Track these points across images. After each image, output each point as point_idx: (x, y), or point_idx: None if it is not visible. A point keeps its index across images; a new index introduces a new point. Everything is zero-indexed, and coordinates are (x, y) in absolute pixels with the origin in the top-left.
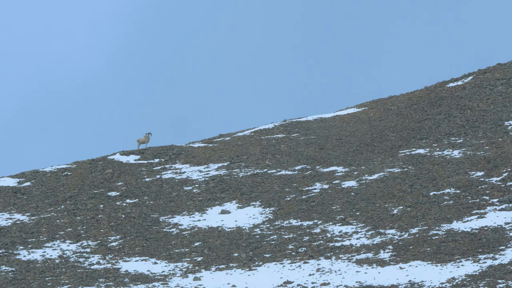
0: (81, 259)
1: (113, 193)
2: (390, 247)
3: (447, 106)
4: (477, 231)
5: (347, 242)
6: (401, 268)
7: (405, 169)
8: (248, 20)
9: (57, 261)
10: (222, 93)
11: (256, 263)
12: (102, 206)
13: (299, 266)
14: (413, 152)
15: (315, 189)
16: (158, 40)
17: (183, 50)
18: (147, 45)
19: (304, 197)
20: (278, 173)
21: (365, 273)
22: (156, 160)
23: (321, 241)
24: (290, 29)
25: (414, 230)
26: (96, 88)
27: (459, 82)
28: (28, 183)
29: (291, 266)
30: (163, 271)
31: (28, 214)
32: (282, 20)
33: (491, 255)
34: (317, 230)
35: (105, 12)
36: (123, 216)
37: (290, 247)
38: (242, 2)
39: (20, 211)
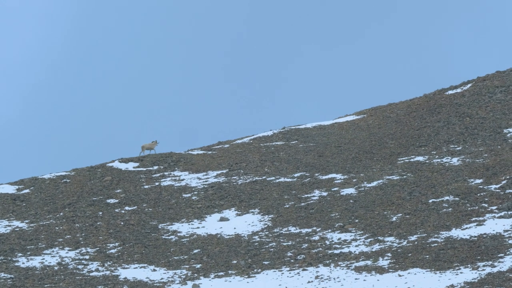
0: (80, 266)
1: (112, 200)
2: (389, 254)
3: (446, 114)
4: (476, 238)
5: (346, 250)
6: (400, 275)
7: (404, 176)
8: (246, 22)
9: (56, 268)
10: (221, 100)
11: (255, 270)
12: (101, 213)
13: (298, 273)
14: (412, 160)
15: (314, 196)
16: (161, 44)
17: (184, 54)
18: (149, 48)
19: (303, 204)
20: (277, 181)
21: (364, 280)
22: (155, 167)
23: (320, 249)
24: (288, 32)
25: (413, 238)
26: (97, 94)
27: (458, 90)
28: (27, 190)
29: (290, 273)
30: (162, 278)
31: (27, 221)
32: (280, 22)
33: (490, 262)
34: (316, 238)
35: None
36: (122, 223)
37: (289, 254)
38: (235, 2)
39: (19, 218)
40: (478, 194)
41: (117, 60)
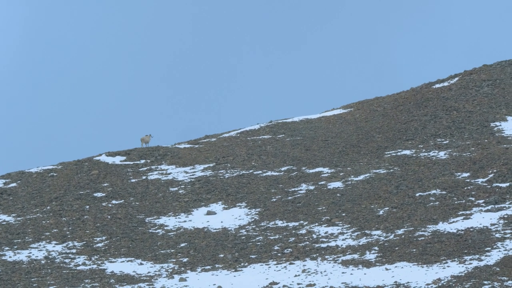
0: (66, 260)
1: (99, 194)
2: (376, 248)
3: (433, 107)
4: (463, 232)
5: (332, 243)
6: (386, 269)
7: (391, 170)
8: (236, 19)
9: (42, 262)
10: (208, 93)
11: (242, 264)
12: (88, 207)
13: (285, 267)
14: (399, 153)
15: (301, 190)
16: (160, 43)
17: (176, 48)
18: (144, 45)
19: (290, 198)
20: (264, 174)
21: (351, 274)
22: (142, 161)
23: (307, 242)
24: (277, 27)
25: (400, 231)
26: (84, 89)
27: (445, 83)
28: (14, 184)
29: (276, 267)
30: (148, 272)
31: (14, 215)
32: (272, 18)
33: (477, 256)
34: (303, 231)
35: None
36: (109, 217)
37: (276, 248)
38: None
39: (5, 212)
40: (465, 188)
41: (106, 56)
